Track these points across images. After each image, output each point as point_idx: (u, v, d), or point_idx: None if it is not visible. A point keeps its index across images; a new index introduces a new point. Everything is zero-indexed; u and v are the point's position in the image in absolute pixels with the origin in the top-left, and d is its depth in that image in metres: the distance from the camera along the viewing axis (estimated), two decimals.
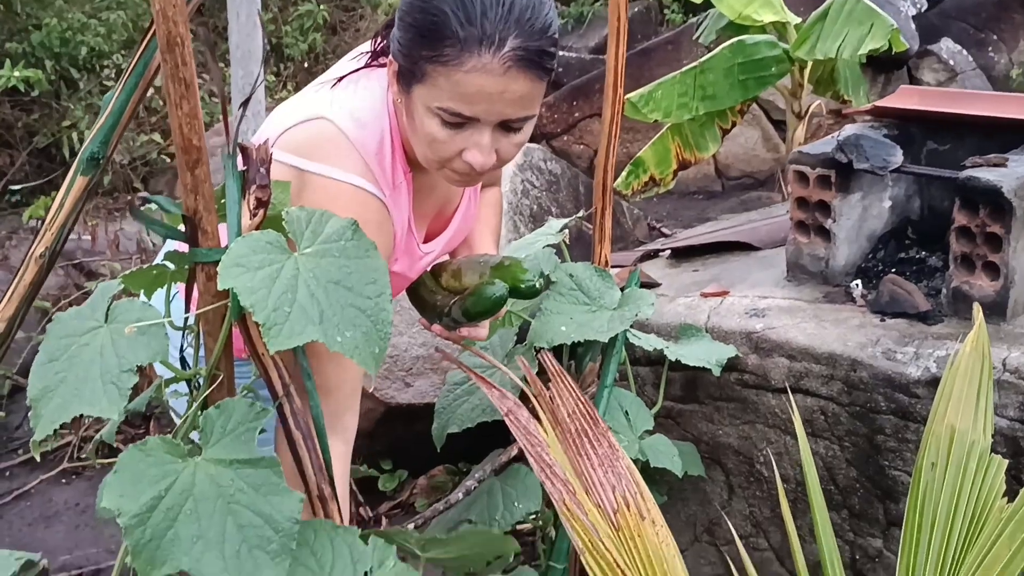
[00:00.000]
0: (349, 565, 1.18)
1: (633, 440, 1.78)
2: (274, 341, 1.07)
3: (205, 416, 1.16)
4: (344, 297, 1.12)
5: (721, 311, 2.02)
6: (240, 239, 1.13)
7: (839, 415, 1.81)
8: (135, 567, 1.06)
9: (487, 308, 1.48)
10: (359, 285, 1.16)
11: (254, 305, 1.07)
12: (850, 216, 2.00)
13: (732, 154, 4.64)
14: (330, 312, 1.11)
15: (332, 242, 1.18)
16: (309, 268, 1.13)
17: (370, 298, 1.14)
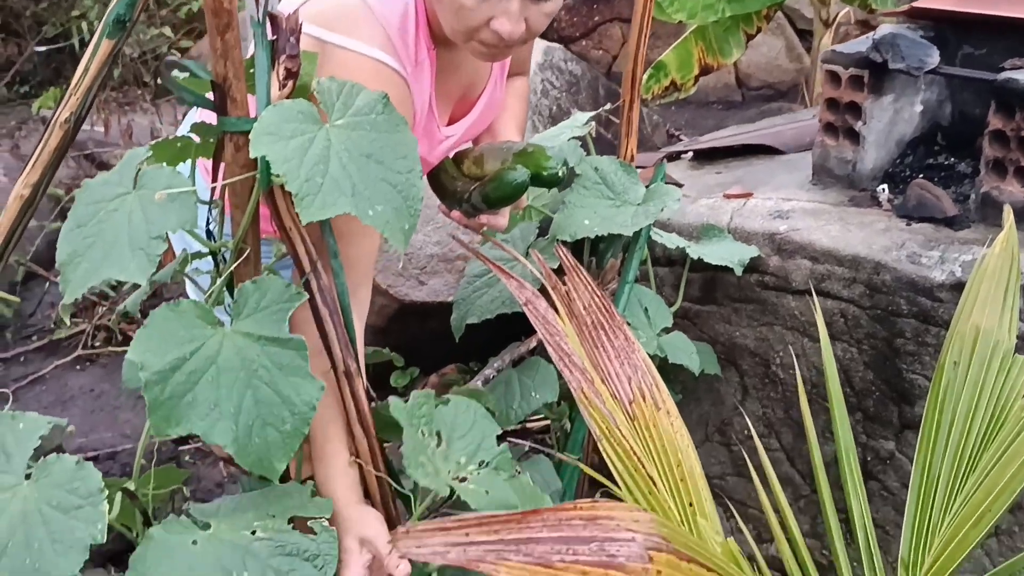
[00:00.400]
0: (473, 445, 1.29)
1: (652, 336, 1.78)
2: (307, 212, 1.06)
3: (241, 290, 1.15)
4: (375, 171, 1.11)
5: (744, 212, 2.00)
6: (271, 107, 1.11)
7: (859, 318, 1.80)
8: (150, 422, 1.07)
9: (508, 194, 1.46)
10: (390, 159, 1.14)
11: (287, 174, 1.05)
12: (881, 119, 1.96)
13: (754, 63, 4.55)
14: (361, 185, 1.10)
15: (363, 115, 1.16)
16: (341, 140, 1.11)
17: (401, 173, 1.12)
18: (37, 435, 1.12)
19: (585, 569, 0.81)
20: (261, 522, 1.13)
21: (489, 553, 0.80)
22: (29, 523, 1.06)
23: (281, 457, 1.08)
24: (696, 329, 2.06)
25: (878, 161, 2.00)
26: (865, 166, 1.99)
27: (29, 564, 1.05)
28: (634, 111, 1.80)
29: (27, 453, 1.11)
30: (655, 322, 1.81)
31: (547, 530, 0.83)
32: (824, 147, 2.04)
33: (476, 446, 1.31)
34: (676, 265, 2.04)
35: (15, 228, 1.22)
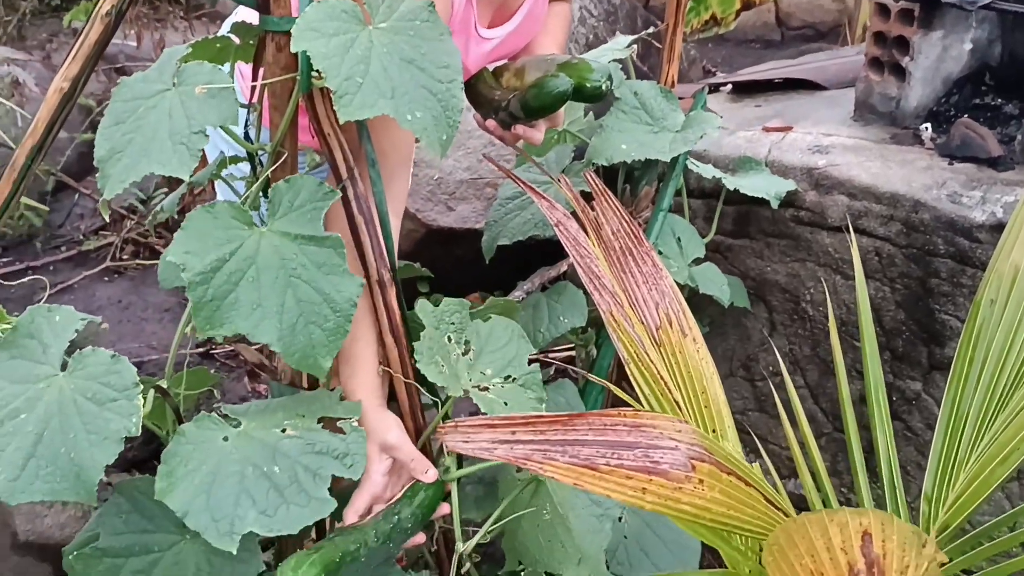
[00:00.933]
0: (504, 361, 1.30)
1: (683, 266, 1.77)
2: (345, 110, 1.04)
3: (274, 189, 1.15)
4: (416, 77, 1.09)
5: (783, 146, 1.97)
6: (316, 5, 1.09)
7: (894, 256, 1.78)
8: (195, 323, 1.07)
9: (548, 103, 1.42)
10: (432, 67, 1.12)
11: (327, 71, 1.04)
12: (928, 55, 1.92)
13: (795, 3, 4.45)
14: (402, 89, 1.08)
15: (407, 20, 1.13)
16: (383, 42, 1.09)
17: (442, 82, 1.10)
18: (72, 328, 1.13)
19: (629, 473, 0.81)
20: (291, 421, 1.14)
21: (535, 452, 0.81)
22: (65, 413, 1.07)
23: (325, 354, 1.09)
24: (727, 263, 2.05)
25: (923, 99, 1.96)
26: (909, 103, 1.95)
27: (64, 453, 1.06)
28: (677, 36, 1.76)
29: (63, 345, 1.12)
30: (687, 252, 1.79)
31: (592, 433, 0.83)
32: (868, 82, 2.00)
33: (506, 362, 1.31)
34: (710, 197, 2.02)
35: (54, 121, 1.21)
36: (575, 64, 1.43)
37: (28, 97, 3.54)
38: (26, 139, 1.24)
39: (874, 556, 0.64)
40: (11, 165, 1.25)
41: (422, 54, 1.11)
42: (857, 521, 0.73)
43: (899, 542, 0.67)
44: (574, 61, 1.44)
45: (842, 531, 0.70)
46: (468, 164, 2.87)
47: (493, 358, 1.30)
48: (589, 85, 1.41)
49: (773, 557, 0.75)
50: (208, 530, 1.02)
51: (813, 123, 2.06)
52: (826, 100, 2.21)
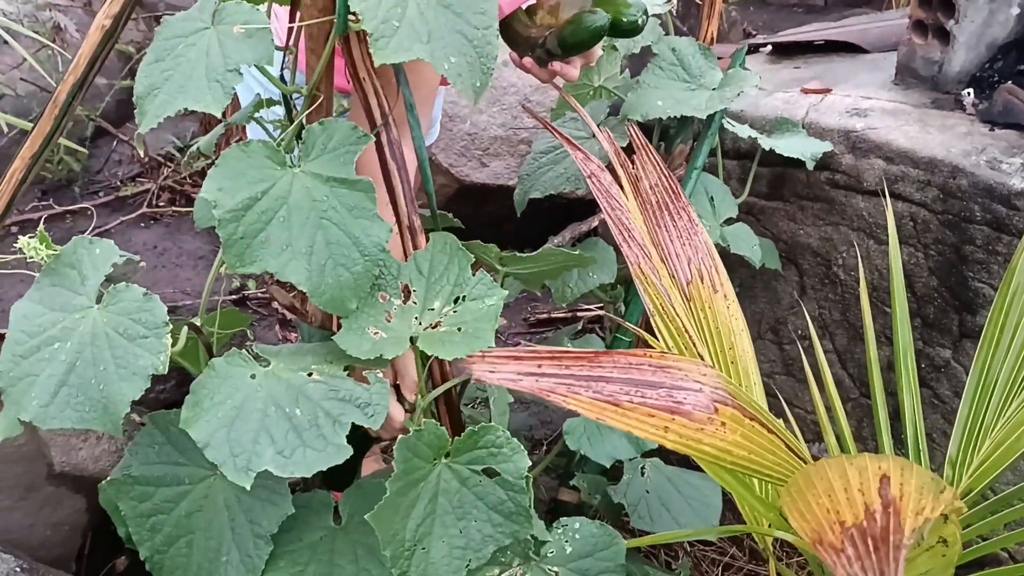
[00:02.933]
0: (448, 287, 1.20)
1: (715, 225, 1.76)
2: (381, 53, 1.05)
3: (308, 131, 1.16)
4: (452, 22, 1.09)
5: (821, 108, 1.95)
6: None
7: (929, 222, 1.76)
8: (224, 259, 1.09)
9: (585, 38, 1.44)
10: (468, 12, 1.12)
11: (364, 12, 1.04)
12: (974, 19, 1.88)
13: None
14: (438, 34, 1.08)
15: None
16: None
17: (478, 28, 1.10)
18: (111, 262, 1.15)
19: (652, 412, 0.82)
20: (318, 366, 1.16)
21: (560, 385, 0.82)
22: (97, 345, 1.10)
23: (352, 297, 1.10)
24: (759, 225, 2.04)
25: (966, 64, 1.93)
26: (952, 68, 1.92)
27: (94, 384, 1.09)
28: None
29: (100, 278, 1.14)
30: (720, 211, 1.79)
31: (617, 371, 0.84)
32: (911, 46, 1.97)
33: (452, 284, 1.23)
34: (745, 158, 2.00)
35: (96, 58, 1.23)
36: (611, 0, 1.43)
37: (69, 43, 3.57)
38: (68, 75, 1.25)
39: (891, 497, 0.65)
40: (53, 101, 1.27)
41: None
42: (876, 465, 0.73)
43: (917, 486, 0.67)
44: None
45: (861, 474, 0.70)
46: (503, 120, 2.87)
47: (440, 288, 1.22)
48: (626, 20, 1.44)
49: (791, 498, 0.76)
50: (226, 463, 1.05)
51: (853, 86, 2.03)
52: (867, 63, 2.17)
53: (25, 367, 1.09)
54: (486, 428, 1.13)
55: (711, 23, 1.75)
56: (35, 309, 1.12)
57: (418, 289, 1.20)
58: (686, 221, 1.45)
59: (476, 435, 1.13)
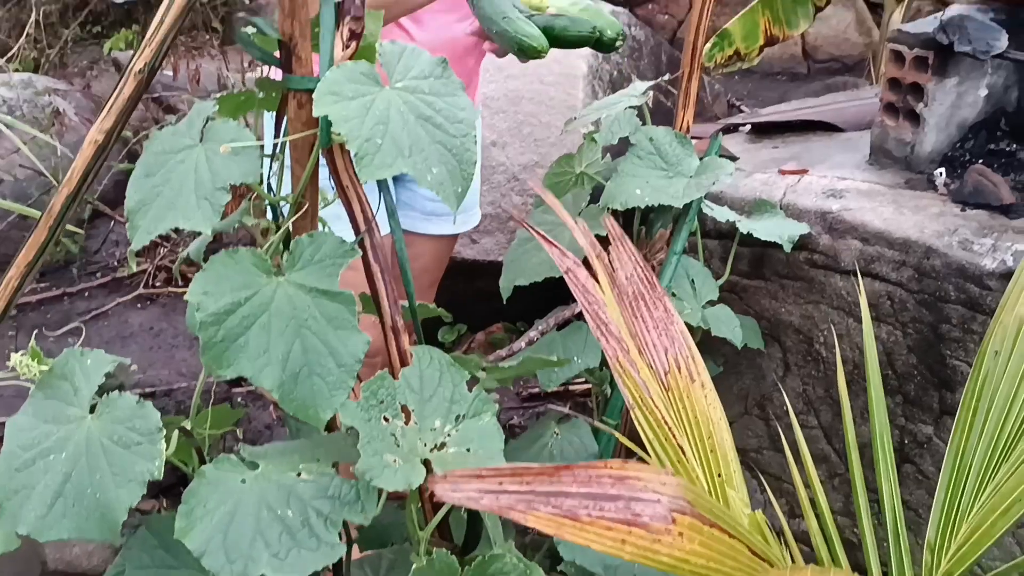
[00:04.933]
0: (445, 404, 1.21)
1: (697, 308, 1.80)
2: (366, 170, 1.09)
3: (296, 242, 1.20)
4: (432, 133, 1.14)
5: (798, 189, 2.00)
6: (336, 68, 1.15)
7: (906, 301, 1.80)
8: (203, 361, 1.12)
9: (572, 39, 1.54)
10: (447, 123, 1.17)
11: (348, 134, 1.09)
12: (943, 102, 1.94)
13: (822, 35, 4.48)
14: (419, 146, 1.13)
15: (423, 78, 1.19)
16: (401, 102, 1.14)
17: (456, 136, 1.15)
18: (103, 372, 1.18)
19: (610, 525, 0.85)
20: (306, 465, 1.19)
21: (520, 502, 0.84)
22: (92, 454, 1.13)
23: (326, 407, 1.13)
24: (742, 303, 2.08)
25: (937, 144, 1.98)
26: (924, 149, 1.98)
27: (90, 493, 1.11)
28: (693, 82, 1.80)
29: (93, 388, 1.17)
30: (701, 294, 1.83)
31: (577, 485, 0.87)
32: (883, 127, 2.03)
33: (449, 401, 1.22)
34: (726, 238, 2.05)
35: (88, 171, 1.28)
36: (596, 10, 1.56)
37: (68, 126, 3.65)
38: (62, 187, 1.30)
39: None
40: (48, 212, 1.31)
41: (437, 110, 1.16)
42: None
43: None
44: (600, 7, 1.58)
45: None
46: (492, 198, 2.93)
47: (436, 405, 1.21)
48: (606, 38, 1.56)
49: None
50: (223, 571, 1.07)
51: (829, 166, 2.09)
52: (843, 143, 2.23)
53: (21, 480, 1.11)
54: (495, 557, 1.15)
55: (687, 112, 1.81)
56: (29, 422, 1.15)
57: (415, 408, 1.20)
58: (662, 311, 1.49)
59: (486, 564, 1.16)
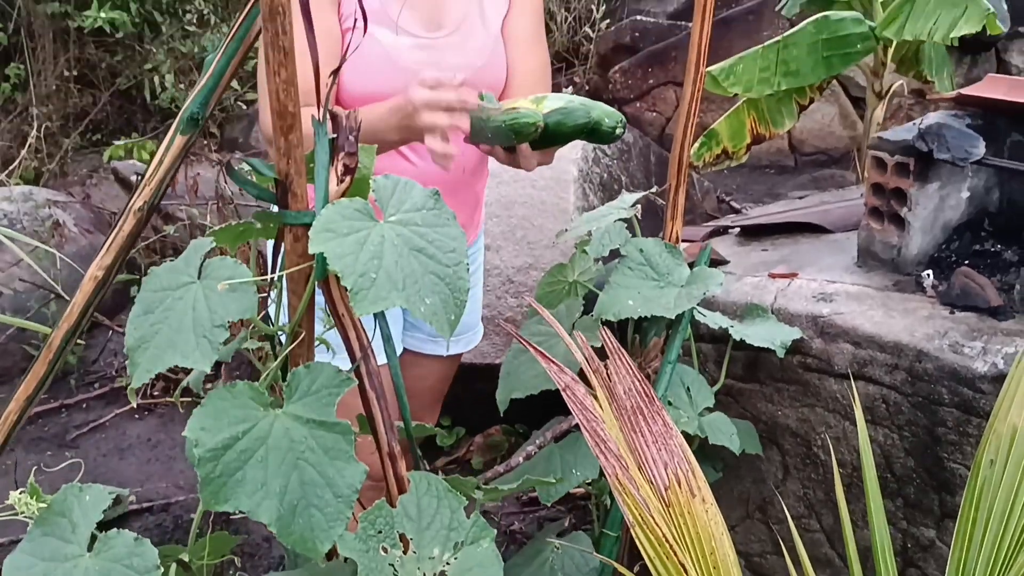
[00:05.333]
0: (443, 531, 1.21)
1: (693, 416, 1.81)
2: (360, 305, 1.11)
3: (293, 373, 1.21)
4: (425, 264, 1.16)
5: (788, 293, 2.03)
6: (331, 206, 1.18)
7: (901, 404, 1.81)
8: (201, 497, 1.12)
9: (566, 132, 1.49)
10: (440, 253, 1.20)
11: (342, 270, 1.11)
12: (926, 205, 1.99)
13: (807, 130, 4.58)
14: (412, 279, 1.15)
15: (415, 211, 1.22)
16: (395, 235, 1.17)
17: (448, 266, 1.18)
18: (101, 508, 1.19)
19: None
20: None
21: None
22: None
23: (324, 539, 1.13)
24: (739, 407, 2.08)
25: (923, 246, 2.02)
26: (910, 251, 2.01)
27: None
28: (680, 194, 1.84)
29: (91, 524, 1.17)
30: (697, 402, 1.83)
31: None
32: (869, 231, 2.07)
33: (447, 529, 1.23)
34: (720, 342, 2.07)
35: (88, 307, 1.30)
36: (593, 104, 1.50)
37: (67, 237, 3.70)
38: (62, 322, 1.32)
39: None
40: (47, 346, 1.33)
41: (430, 241, 1.18)
42: None
43: None
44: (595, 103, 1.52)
45: None
46: (488, 301, 2.95)
47: (434, 533, 1.22)
48: (605, 127, 1.48)
49: None
50: None
51: (818, 269, 2.12)
52: (831, 244, 2.27)
53: None
54: None
55: (675, 223, 1.84)
56: (27, 561, 1.15)
57: (413, 536, 1.20)
58: (661, 425, 1.49)
59: None
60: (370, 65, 1.57)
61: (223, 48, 1.21)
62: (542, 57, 1.75)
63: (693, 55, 1.77)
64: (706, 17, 1.70)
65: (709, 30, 1.73)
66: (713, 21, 1.67)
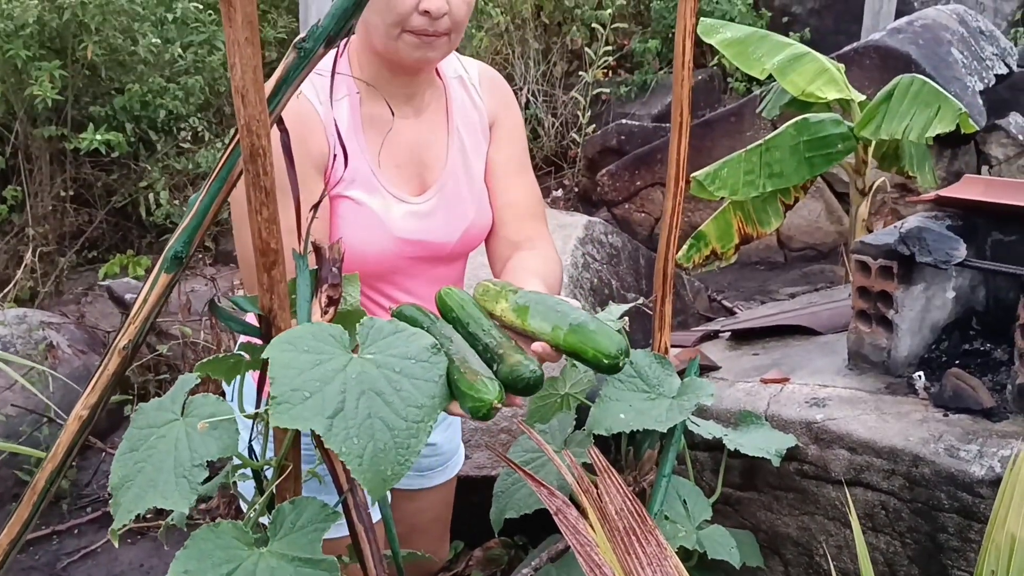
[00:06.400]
0: None
1: (691, 530, 1.78)
2: (276, 415, 1.08)
3: (278, 509, 1.20)
4: (377, 408, 1.11)
5: (781, 399, 2.02)
6: (307, 325, 1.18)
7: (900, 511, 1.79)
8: None
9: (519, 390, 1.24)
10: (401, 404, 1.13)
11: (275, 376, 1.09)
12: (912, 307, 1.99)
13: (795, 226, 4.63)
14: (352, 412, 1.10)
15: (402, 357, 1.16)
16: (359, 369, 1.14)
17: (404, 419, 1.11)
18: None
19: None
20: None
21: None
22: None
23: None
24: (737, 516, 2.05)
25: (913, 347, 2.02)
26: (900, 353, 2.01)
27: None
28: (666, 305, 1.85)
29: None
30: (694, 514, 1.81)
31: None
32: (858, 333, 2.07)
33: None
34: (716, 450, 2.05)
35: (73, 446, 1.29)
36: (591, 331, 1.25)
37: (61, 359, 3.69)
38: (46, 463, 1.30)
39: None
40: (31, 488, 1.32)
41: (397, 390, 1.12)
42: None
43: None
44: (591, 327, 1.25)
45: None
46: None
47: None
48: (607, 361, 1.24)
49: None
50: None
51: (810, 372, 2.12)
52: (821, 347, 2.27)
53: None
54: None
55: (663, 334, 1.85)
56: None
57: None
58: (655, 546, 1.46)
59: None
60: (363, 229, 1.57)
61: (206, 188, 1.23)
62: (529, 186, 1.74)
63: (672, 169, 1.80)
64: (682, 135, 1.73)
65: (687, 145, 1.75)
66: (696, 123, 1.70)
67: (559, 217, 3.37)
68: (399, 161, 1.61)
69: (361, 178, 1.56)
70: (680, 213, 1.79)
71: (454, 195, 1.64)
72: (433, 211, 1.62)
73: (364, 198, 1.56)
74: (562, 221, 3.29)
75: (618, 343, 1.25)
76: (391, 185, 1.59)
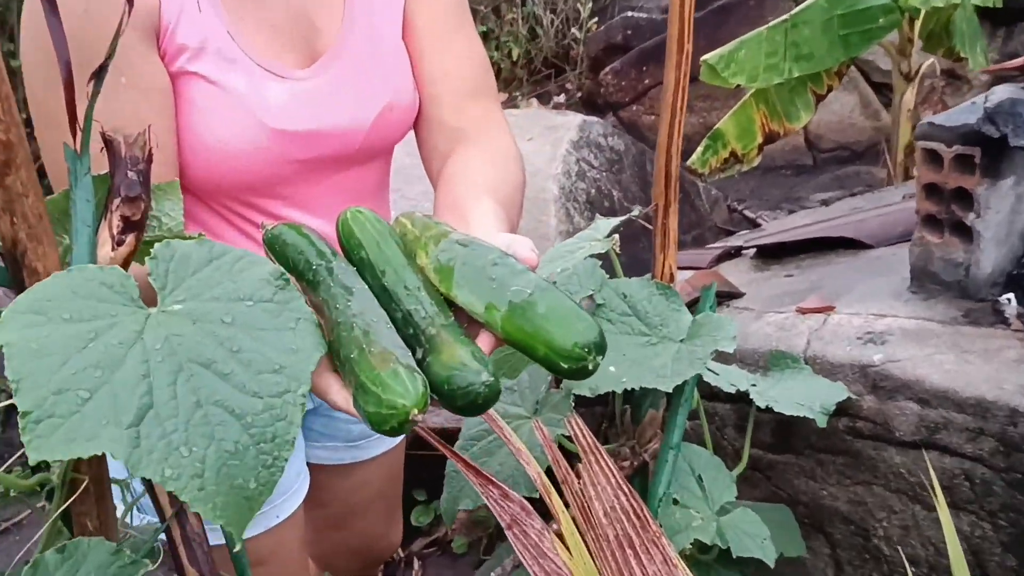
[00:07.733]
0: None
1: (710, 518, 1.33)
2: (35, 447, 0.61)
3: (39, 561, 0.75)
4: (209, 388, 0.67)
5: (824, 334, 1.55)
6: (63, 274, 0.70)
7: (991, 483, 1.34)
8: None
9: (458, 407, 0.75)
10: (246, 374, 0.68)
11: (20, 380, 0.62)
12: (1000, 209, 1.51)
13: (824, 123, 4.11)
14: (168, 406, 0.66)
15: (232, 300, 0.72)
16: (163, 333, 0.68)
17: (261, 398, 0.68)
18: None
19: None
20: None
21: None
22: None
23: None
24: (769, 484, 1.61)
25: (999, 263, 1.54)
26: (982, 270, 1.54)
27: None
28: (670, 217, 1.38)
29: None
30: (713, 496, 1.36)
31: None
32: (925, 245, 1.59)
33: None
34: (740, 401, 1.60)
35: None
36: (538, 314, 0.74)
37: None
38: None
39: None
40: None
41: (234, 352, 0.69)
42: None
43: None
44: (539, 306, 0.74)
45: None
46: None
47: None
48: (566, 366, 0.74)
49: None
50: None
51: (860, 298, 1.65)
52: (872, 264, 1.80)
53: None
54: None
55: (667, 255, 1.38)
56: None
57: None
58: (659, 563, 1.02)
59: None
60: (224, 120, 1.07)
61: None
62: (469, 50, 1.23)
63: (674, 29, 1.31)
64: None
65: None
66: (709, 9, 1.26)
67: (548, 117, 2.86)
68: (275, 20, 1.11)
69: (213, 46, 1.06)
70: (685, 88, 1.30)
71: (356, 66, 1.15)
72: (327, 89, 1.13)
73: (219, 75, 1.06)
74: (552, 122, 2.78)
75: (583, 333, 0.75)
76: (261, 55, 1.09)
